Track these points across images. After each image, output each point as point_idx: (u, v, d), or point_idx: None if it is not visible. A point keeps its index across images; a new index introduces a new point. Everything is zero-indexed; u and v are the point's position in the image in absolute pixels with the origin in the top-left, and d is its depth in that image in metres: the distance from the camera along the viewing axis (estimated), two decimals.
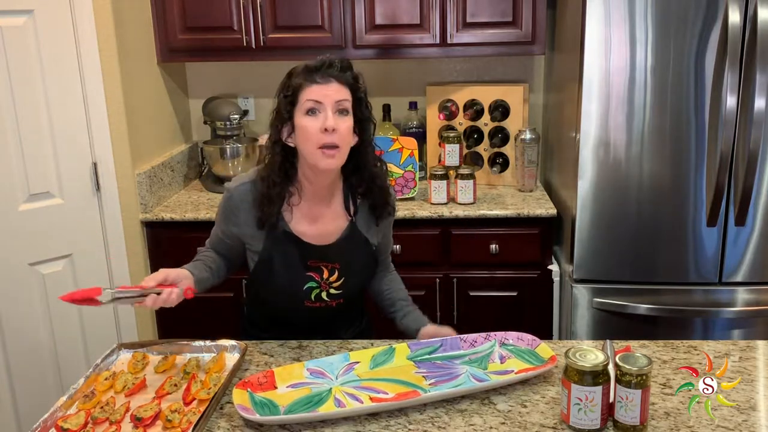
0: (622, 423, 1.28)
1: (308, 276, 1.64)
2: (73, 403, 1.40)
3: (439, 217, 2.62)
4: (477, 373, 1.49)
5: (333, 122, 1.50)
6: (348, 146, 1.56)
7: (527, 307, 2.68)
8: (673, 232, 2.33)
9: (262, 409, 1.36)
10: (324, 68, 1.52)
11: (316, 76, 1.52)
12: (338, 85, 1.52)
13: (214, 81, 3.17)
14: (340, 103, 1.52)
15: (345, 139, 1.53)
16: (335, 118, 1.51)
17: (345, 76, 1.53)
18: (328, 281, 1.65)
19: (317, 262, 1.64)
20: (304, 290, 1.64)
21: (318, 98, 1.51)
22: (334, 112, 1.51)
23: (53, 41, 2.31)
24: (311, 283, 1.64)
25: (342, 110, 1.52)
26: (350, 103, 1.54)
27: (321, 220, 1.65)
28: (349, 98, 1.54)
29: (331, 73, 1.52)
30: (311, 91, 1.51)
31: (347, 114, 1.53)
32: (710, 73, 2.18)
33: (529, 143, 2.78)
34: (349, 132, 1.54)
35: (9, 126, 2.25)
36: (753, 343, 1.63)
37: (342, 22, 2.71)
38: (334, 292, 1.66)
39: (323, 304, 1.66)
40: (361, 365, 1.52)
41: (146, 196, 2.64)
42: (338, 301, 1.68)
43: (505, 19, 2.69)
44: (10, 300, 2.33)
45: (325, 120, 1.50)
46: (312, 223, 1.64)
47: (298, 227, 1.63)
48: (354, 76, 1.56)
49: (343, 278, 1.66)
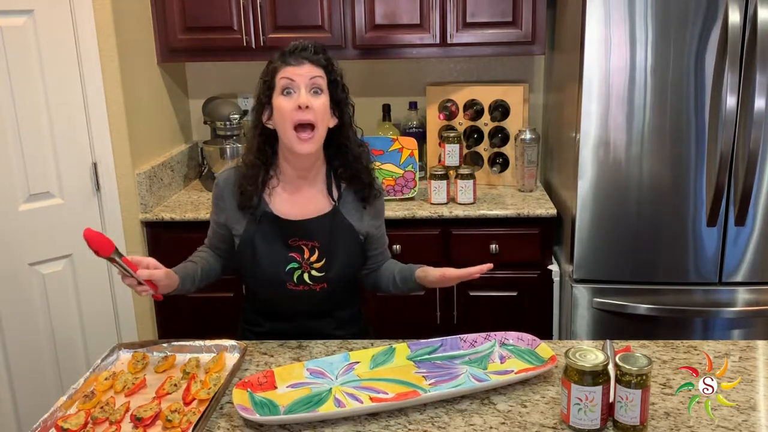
0: (622, 423, 1.28)
1: (290, 257, 1.65)
2: (73, 403, 1.40)
3: (439, 217, 2.62)
4: (477, 373, 1.49)
5: (306, 99, 1.56)
6: (324, 126, 1.60)
7: (527, 307, 2.68)
8: (673, 232, 2.33)
9: (262, 409, 1.36)
10: (298, 51, 1.60)
11: (290, 59, 1.60)
12: (311, 66, 1.59)
13: (214, 81, 3.17)
14: (314, 80, 1.58)
15: (320, 117, 1.58)
16: (309, 96, 1.57)
17: (318, 58, 1.60)
18: (309, 261, 1.65)
19: (297, 240, 1.65)
20: (286, 271, 1.65)
21: (291, 76, 1.58)
22: (308, 91, 1.58)
23: (53, 41, 2.31)
24: (293, 263, 1.65)
25: (316, 88, 1.59)
26: (324, 81, 1.60)
27: (301, 201, 1.68)
28: (322, 75, 1.60)
29: (304, 55, 1.59)
30: (285, 71, 1.59)
31: (321, 92, 1.59)
32: (710, 73, 2.18)
33: (529, 143, 2.78)
34: (325, 110, 1.60)
35: (9, 126, 2.25)
36: (753, 343, 1.63)
37: (342, 22, 2.71)
38: (317, 275, 1.66)
39: (306, 287, 1.66)
40: (361, 365, 1.52)
41: (146, 196, 2.64)
42: (321, 286, 1.67)
43: (505, 19, 2.69)
44: (10, 300, 2.33)
45: (298, 98, 1.56)
46: (292, 203, 1.68)
47: (279, 208, 1.67)
48: (327, 59, 1.62)
49: (325, 259, 1.66)
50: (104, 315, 2.58)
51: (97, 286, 2.54)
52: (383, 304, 2.52)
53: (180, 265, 1.69)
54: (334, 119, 1.64)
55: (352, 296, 1.82)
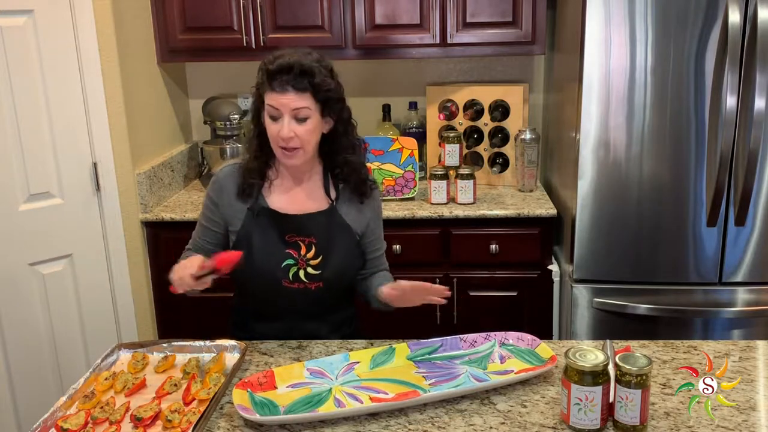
0: (622, 423, 1.28)
1: (286, 253, 1.65)
2: (73, 403, 1.40)
3: (439, 217, 2.62)
4: (477, 373, 1.49)
5: (288, 131, 1.56)
6: (311, 145, 1.61)
7: (527, 307, 2.68)
8: (673, 232, 2.33)
9: (262, 409, 1.36)
10: (282, 74, 1.54)
11: (274, 84, 1.56)
12: (295, 94, 1.55)
13: (214, 81, 3.17)
14: (298, 111, 1.56)
15: (306, 140, 1.59)
16: (293, 125, 1.56)
17: (302, 83, 1.54)
18: (306, 258, 1.65)
19: (294, 236, 1.66)
20: (282, 268, 1.65)
21: (275, 105, 1.56)
22: (292, 119, 1.56)
23: (53, 41, 2.31)
24: (289, 260, 1.65)
25: (300, 118, 1.56)
26: (311, 107, 1.57)
27: (299, 196, 1.70)
28: (307, 105, 1.56)
29: (288, 81, 1.54)
30: (270, 97, 1.57)
31: (306, 120, 1.57)
32: (710, 73, 2.18)
33: (529, 143, 2.78)
34: (311, 132, 1.59)
35: (9, 126, 2.25)
36: (753, 343, 1.63)
37: (342, 22, 2.71)
38: (313, 272, 1.66)
39: (302, 285, 1.66)
40: (361, 365, 1.52)
41: (146, 196, 2.64)
42: (317, 284, 1.66)
43: (505, 19, 2.69)
44: (10, 300, 2.33)
45: (281, 129, 1.56)
46: (290, 198, 1.69)
47: (277, 203, 1.69)
48: (312, 83, 1.55)
49: (321, 257, 1.66)
50: (104, 315, 2.58)
51: (97, 286, 2.54)
52: None
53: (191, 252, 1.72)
54: (327, 124, 1.64)
55: (346, 299, 1.81)
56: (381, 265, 1.82)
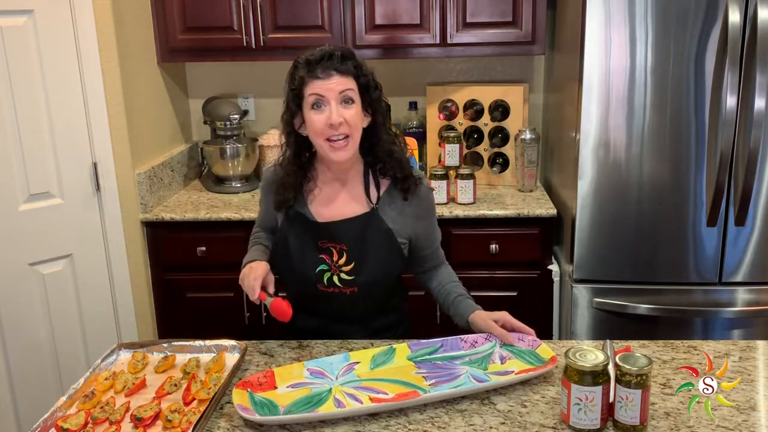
0: (622, 423, 1.28)
1: (320, 258, 1.65)
2: (73, 403, 1.40)
3: (439, 217, 2.60)
4: (477, 373, 1.48)
5: (337, 117, 1.53)
6: (358, 132, 1.59)
7: (527, 307, 2.68)
8: (673, 232, 2.33)
9: (261, 409, 1.36)
10: (324, 61, 1.54)
11: (317, 71, 1.54)
12: (339, 77, 1.54)
13: (214, 81, 3.17)
14: (344, 94, 1.55)
15: (353, 126, 1.57)
16: (340, 109, 1.54)
17: (346, 66, 1.55)
18: (338, 264, 1.64)
19: (326, 242, 1.65)
20: (316, 273, 1.65)
21: (321, 92, 1.54)
22: (339, 103, 1.55)
23: (53, 41, 2.31)
24: (323, 265, 1.65)
25: (347, 99, 1.55)
26: (355, 91, 1.57)
27: (336, 202, 1.68)
28: (353, 87, 1.56)
29: (332, 66, 1.54)
30: (314, 85, 1.54)
31: (353, 102, 1.56)
32: (710, 73, 2.18)
33: (529, 143, 2.78)
34: (358, 118, 1.58)
35: (9, 126, 2.25)
36: (753, 343, 1.63)
37: (342, 22, 2.71)
38: (346, 278, 1.64)
39: (336, 289, 1.65)
40: (361, 365, 1.52)
41: (146, 196, 2.64)
42: (352, 289, 1.65)
43: (505, 19, 2.69)
44: (10, 300, 2.33)
45: (330, 115, 1.53)
46: (329, 205, 1.68)
47: (315, 209, 1.68)
48: (356, 65, 1.57)
49: (354, 263, 1.64)
50: (104, 315, 2.58)
51: (97, 286, 2.54)
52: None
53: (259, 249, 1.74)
54: (367, 119, 1.63)
55: (390, 304, 1.78)
56: (438, 258, 1.81)
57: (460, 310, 1.70)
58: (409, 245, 1.71)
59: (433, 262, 1.81)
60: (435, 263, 1.81)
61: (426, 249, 1.77)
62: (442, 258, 1.83)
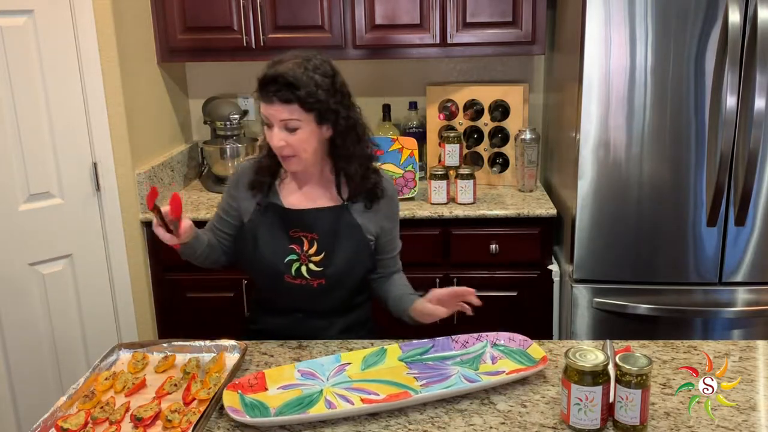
0: (622, 423, 1.28)
1: (290, 248, 1.66)
2: (73, 403, 1.40)
3: (439, 217, 2.62)
4: (468, 373, 1.49)
5: (277, 141, 1.57)
6: (306, 153, 1.60)
7: (527, 307, 2.68)
8: (673, 232, 2.33)
9: (252, 411, 1.36)
10: (269, 86, 1.53)
11: (262, 94, 1.55)
12: (281, 105, 1.54)
13: (214, 81, 3.17)
14: (285, 122, 1.56)
15: (299, 148, 1.58)
16: (283, 134, 1.57)
17: (287, 95, 1.52)
18: (308, 253, 1.66)
19: (297, 231, 1.67)
20: (285, 263, 1.66)
21: (266, 114, 1.57)
22: (282, 129, 1.56)
23: (53, 41, 2.31)
24: (292, 255, 1.66)
25: (289, 128, 1.56)
26: (300, 119, 1.55)
27: (311, 193, 1.71)
28: (297, 115, 1.54)
29: (274, 92, 1.53)
30: (262, 105, 1.57)
31: (296, 129, 1.56)
32: (710, 73, 2.18)
33: (529, 143, 2.78)
34: (304, 140, 1.58)
35: (9, 126, 2.25)
36: (753, 343, 1.63)
37: (342, 22, 2.71)
38: (315, 269, 1.66)
39: (304, 281, 1.67)
40: (353, 366, 1.52)
41: (146, 196, 2.63)
42: (319, 281, 1.67)
43: (505, 19, 2.69)
44: (10, 300, 2.33)
45: (271, 138, 1.58)
46: (301, 195, 1.71)
47: (287, 199, 1.71)
48: (298, 95, 1.52)
49: (324, 253, 1.66)
50: (104, 315, 2.58)
51: (97, 286, 2.54)
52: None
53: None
54: (328, 130, 1.61)
55: (356, 301, 1.79)
56: (395, 265, 1.82)
57: (403, 306, 1.71)
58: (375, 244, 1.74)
59: (390, 270, 1.81)
60: (391, 271, 1.82)
61: (386, 253, 1.78)
62: (399, 266, 1.85)
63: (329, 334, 1.73)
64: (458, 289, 1.59)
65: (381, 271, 1.80)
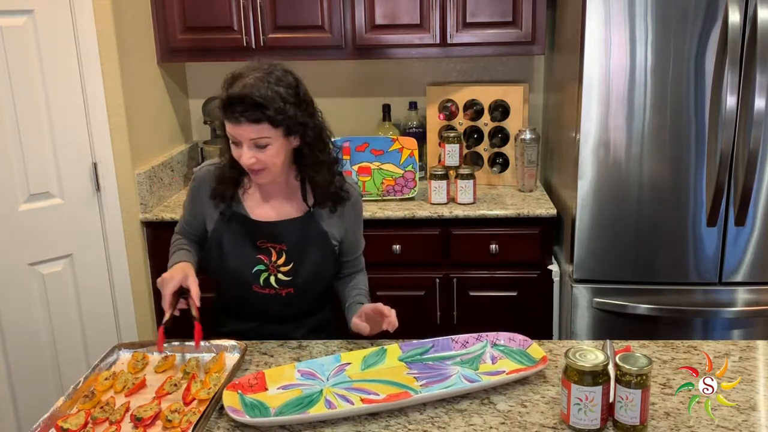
0: (622, 423, 1.28)
1: (257, 258, 1.66)
2: (73, 403, 1.40)
3: (439, 217, 2.62)
4: (468, 373, 1.49)
5: (247, 159, 1.54)
6: (276, 165, 1.58)
7: (527, 307, 2.68)
8: (673, 232, 2.33)
9: (252, 411, 1.36)
10: (235, 106, 1.48)
11: (227, 114, 1.51)
12: (249, 126, 1.50)
13: (214, 81, 3.12)
14: (255, 141, 1.52)
15: (269, 162, 1.56)
16: (253, 152, 1.53)
17: (255, 115, 1.49)
18: (276, 264, 1.66)
19: (265, 242, 1.66)
20: (253, 273, 1.66)
21: (234, 134, 1.53)
22: (251, 148, 1.53)
23: (53, 41, 2.31)
24: (260, 265, 1.66)
25: (259, 145, 1.53)
26: (270, 137, 1.52)
27: (273, 202, 1.69)
28: (264, 134, 1.51)
29: (241, 113, 1.48)
30: (228, 126, 1.53)
31: (266, 146, 1.53)
32: (710, 73, 2.18)
33: (529, 143, 2.78)
34: (274, 156, 1.55)
35: (9, 126, 2.25)
36: (753, 343, 1.63)
37: (342, 22, 2.71)
38: (283, 279, 1.66)
39: (272, 291, 1.67)
40: (352, 366, 1.52)
41: (146, 196, 2.64)
42: (288, 291, 1.67)
43: (505, 19, 2.69)
44: (10, 300, 2.33)
45: (241, 156, 1.55)
46: (265, 204, 1.69)
47: (252, 208, 1.68)
48: (269, 114, 1.49)
49: (292, 263, 1.66)
50: (104, 315, 2.58)
51: (97, 286, 2.54)
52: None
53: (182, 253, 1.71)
54: (295, 140, 1.59)
55: (320, 304, 1.81)
56: (358, 265, 1.84)
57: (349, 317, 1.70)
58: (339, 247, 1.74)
59: (354, 269, 1.83)
60: (354, 270, 1.83)
61: (350, 255, 1.79)
62: (362, 266, 1.85)
63: (295, 336, 1.73)
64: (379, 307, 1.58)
65: (344, 272, 1.81)
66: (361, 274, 1.85)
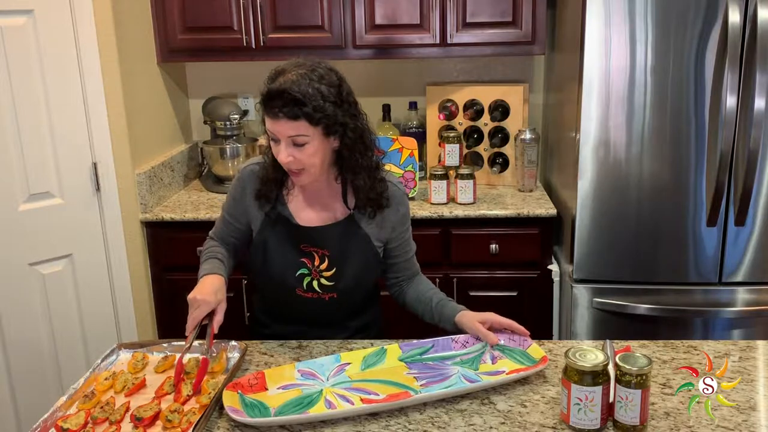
0: (622, 423, 1.28)
1: (300, 262, 1.64)
2: (73, 403, 1.40)
3: (439, 217, 2.62)
4: (468, 373, 1.49)
5: (285, 157, 1.52)
6: (315, 167, 1.55)
7: (527, 307, 2.68)
8: (673, 232, 2.33)
9: (252, 411, 1.36)
10: (274, 100, 1.46)
11: (267, 109, 1.48)
12: (287, 122, 1.47)
13: (214, 81, 3.17)
14: (293, 138, 1.50)
15: (307, 162, 1.53)
16: (290, 150, 1.51)
17: (293, 111, 1.46)
18: (319, 269, 1.64)
19: (308, 246, 1.64)
20: (296, 277, 1.65)
21: (272, 131, 1.51)
22: (289, 145, 1.51)
23: (53, 41, 2.31)
24: (303, 269, 1.65)
25: (297, 143, 1.50)
26: (308, 134, 1.49)
27: (316, 205, 1.67)
28: (304, 131, 1.48)
29: (280, 108, 1.46)
30: (267, 121, 1.51)
31: (304, 144, 1.50)
32: (710, 73, 2.18)
33: (529, 143, 2.78)
34: (312, 154, 1.52)
35: (9, 126, 2.25)
36: (753, 343, 1.63)
37: (342, 22, 2.71)
38: (326, 283, 1.65)
39: (315, 295, 1.66)
40: (352, 366, 1.52)
41: (146, 196, 2.64)
42: (331, 295, 1.66)
43: (505, 19, 2.69)
44: (10, 300, 2.33)
45: (278, 154, 1.53)
46: (308, 207, 1.67)
47: (295, 210, 1.66)
48: (305, 111, 1.46)
49: (335, 269, 1.64)
50: (104, 315, 2.58)
51: (97, 286, 2.54)
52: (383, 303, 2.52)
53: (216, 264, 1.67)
54: (335, 141, 1.56)
55: (365, 307, 1.79)
56: (412, 267, 1.80)
57: (446, 313, 1.68)
58: (384, 248, 1.72)
59: (409, 272, 1.80)
60: (410, 273, 1.80)
61: (400, 257, 1.76)
62: (417, 268, 1.83)
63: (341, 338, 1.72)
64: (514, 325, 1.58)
65: (399, 275, 1.79)
66: (421, 277, 1.81)
